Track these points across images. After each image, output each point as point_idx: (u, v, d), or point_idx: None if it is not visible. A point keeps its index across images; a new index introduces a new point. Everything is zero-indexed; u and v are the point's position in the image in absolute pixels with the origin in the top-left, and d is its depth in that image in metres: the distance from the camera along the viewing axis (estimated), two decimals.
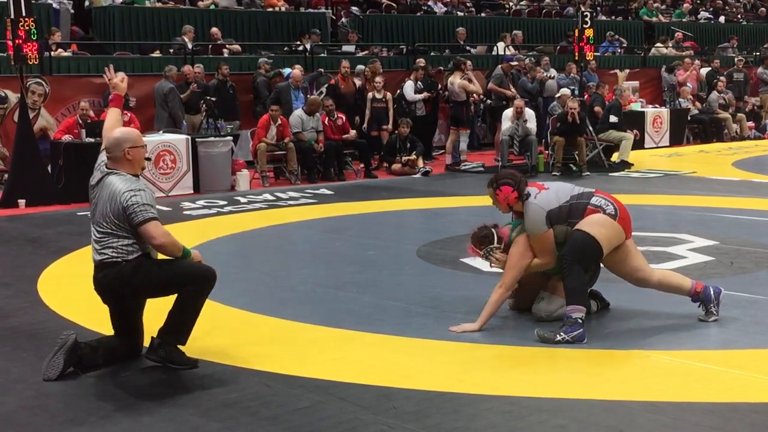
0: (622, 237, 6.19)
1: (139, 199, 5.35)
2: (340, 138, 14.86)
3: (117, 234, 5.43)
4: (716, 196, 12.30)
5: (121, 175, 5.48)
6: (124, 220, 5.38)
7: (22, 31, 12.03)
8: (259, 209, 11.78)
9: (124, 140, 5.53)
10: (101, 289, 5.61)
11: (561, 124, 15.04)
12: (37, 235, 10.16)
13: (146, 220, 5.34)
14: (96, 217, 5.53)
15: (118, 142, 5.52)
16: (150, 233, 5.35)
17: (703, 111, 20.32)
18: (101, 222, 5.47)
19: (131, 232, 5.42)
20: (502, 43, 20.31)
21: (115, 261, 5.45)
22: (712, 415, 4.67)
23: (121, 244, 5.43)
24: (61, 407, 4.96)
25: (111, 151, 5.53)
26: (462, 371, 5.40)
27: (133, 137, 5.61)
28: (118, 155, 5.50)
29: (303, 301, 7.19)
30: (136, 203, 5.34)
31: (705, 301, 6.29)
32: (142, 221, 5.34)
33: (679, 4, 28.12)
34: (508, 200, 6.27)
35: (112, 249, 5.46)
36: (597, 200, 6.22)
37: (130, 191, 5.37)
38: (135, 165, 5.57)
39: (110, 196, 5.41)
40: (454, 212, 11.58)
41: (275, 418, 4.71)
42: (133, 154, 5.54)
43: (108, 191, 5.44)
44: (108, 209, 5.42)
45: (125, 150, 5.50)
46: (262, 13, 19.30)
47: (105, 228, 5.46)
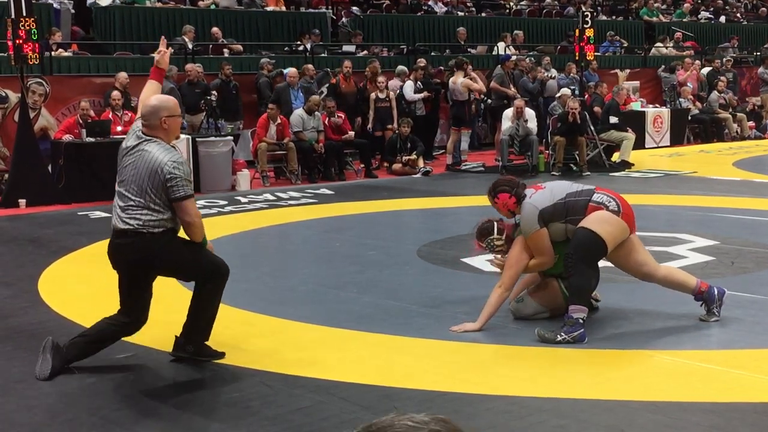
0: (626, 233, 6.18)
1: (180, 173, 5.25)
2: (341, 138, 14.86)
3: (148, 206, 5.29)
4: (717, 196, 12.30)
5: (161, 144, 5.34)
6: (162, 191, 5.25)
7: (23, 31, 12.03)
8: (259, 209, 11.78)
9: (161, 108, 5.39)
10: (118, 255, 5.43)
11: (562, 124, 15.05)
12: (37, 235, 10.16)
13: (187, 196, 5.28)
14: (127, 183, 5.35)
15: (156, 110, 5.37)
16: (187, 209, 5.29)
17: (704, 111, 20.32)
18: (133, 188, 5.30)
19: (163, 205, 5.29)
20: (503, 43, 20.31)
21: (139, 232, 5.31)
22: (713, 415, 4.67)
23: (150, 218, 5.30)
24: (61, 407, 4.96)
25: (147, 119, 5.38)
26: (462, 371, 5.40)
27: (171, 105, 5.48)
28: (154, 123, 5.36)
29: (303, 301, 7.19)
30: (179, 177, 5.24)
31: (708, 301, 6.29)
32: (184, 196, 5.26)
33: (680, 4, 28.11)
34: (507, 206, 6.31)
35: (138, 221, 5.30)
36: (599, 197, 6.20)
37: (173, 162, 5.25)
38: (170, 134, 5.47)
39: (150, 164, 5.26)
40: (454, 212, 11.58)
41: (276, 418, 4.71)
42: (169, 123, 5.41)
43: (147, 159, 5.28)
44: (146, 178, 5.26)
45: (162, 118, 5.36)
46: (262, 13, 19.30)
47: (136, 196, 5.29)
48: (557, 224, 6.17)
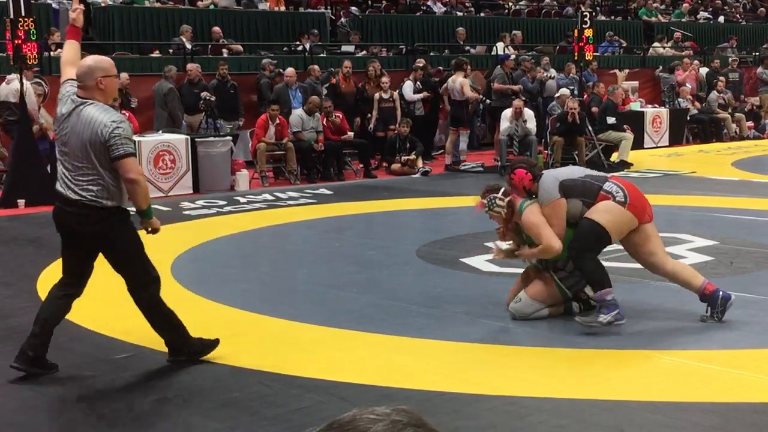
0: (634, 223, 6.20)
1: (122, 132, 5.12)
2: (339, 138, 14.85)
3: (96, 173, 5.18)
4: (715, 196, 12.30)
5: (98, 105, 5.21)
6: (104, 152, 5.13)
7: (22, 31, 12.03)
8: (258, 209, 11.77)
9: (96, 68, 5.26)
10: (66, 223, 5.37)
11: (561, 124, 15.05)
12: (36, 235, 10.15)
13: (127, 154, 5.14)
14: (71, 151, 5.24)
15: (91, 71, 5.24)
16: (128, 167, 5.15)
17: (703, 111, 20.32)
18: (77, 155, 5.20)
19: (110, 171, 5.17)
20: (502, 43, 20.31)
21: (91, 205, 5.23)
22: (712, 415, 4.67)
23: (99, 188, 5.20)
24: (60, 407, 4.96)
25: (83, 80, 5.23)
26: (462, 371, 5.40)
27: (106, 66, 5.34)
28: (90, 84, 5.22)
29: (303, 301, 7.19)
30: (119, 135, 5.11)
31: (711, 303, 6.29)
32: (123, 155, 5.12)
33: (679, 4, 28.12)
34: (523, 182, 6.32)
35: (90, 192, 5.22)
36: (609, 186, 6.27)
37: (113, 122, 5.13)
38: (107, 95, 5.33)
39: (90, 127, 5.14)
40: (454, 212, 11.58)
41: (275, 418, 4.71)
42: (105, 83, 5.26)
43: (86, 121, 5.15)
44: (88, 142, 5.15)
45: (98, 79, 5.22)
46: (261, 13, 19.29)
47: (82, 163, 5.19)
48: (575, 200, 6.20)
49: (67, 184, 5.31)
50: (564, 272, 6.36)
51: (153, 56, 16.65)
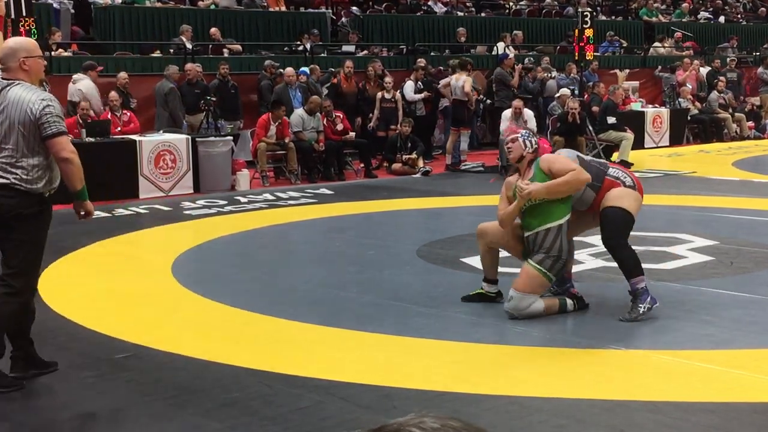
0: (641, 203, 6.52)
1: (52, 110, 5.06)
2: (340, 138, 14.85)
3: (25, 154, 5.07)
4: (716, 196, 12.30)
5: (24, 84, 5.14)
6: (34, 131, 5.05)
7: (23, 30, 12.03)
8: (259, 209, 11.78)
9: (19, 49, 5.21)
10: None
11: (561, 124, 15.04)
12: None
13: (60, 132, 5.06)
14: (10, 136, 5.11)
15: (13, 51, 5.18)
16: (61, 145, 5.06)
17: (703, 111, 20.32)
18: (8, 137, 5.10)
19: (42, 152, 5.08)
20: (502, 43, 20.30)
21: (17, 188, 5.10)
22: (712, 415, 4.67)
23: (29, 166, 5.09)
24: (60, 407, 4.96)
25: (5, 62, 5.18)
26: (462, 371, 5.40)
27: (29, 46, 5.27)
28: (13, 65, 5.16)
29: (303, 301, 7.19)
30: (50, 113, 5.04)
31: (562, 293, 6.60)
32: (56, 133, 5.04)
33: (679, 4, 28.11)
34: (544, 150, 6.64)
35: (14, 175, 5.09)
36: (614, 172, 6.55)
37: (43, 101, 5.06)
38: (32, 75, 5.24)
39: (18, 106, 5.05)
40: (454, 212, 11.59)
41: (276, 418, 4.71)
42: (30, 63, 5.19)
43: (14, 102, 5.06)
44: (16, 121, 5.05)
45: (21, 59, 5.16)
46: (262, 13, 19.29)
47: (9, 145, 5.09)
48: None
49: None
50: (539, 255, 6.37)
51: (153, 56, 16.65)
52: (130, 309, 6.96)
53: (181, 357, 5.74)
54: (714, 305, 6.73)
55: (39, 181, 5.16)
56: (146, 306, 7.05)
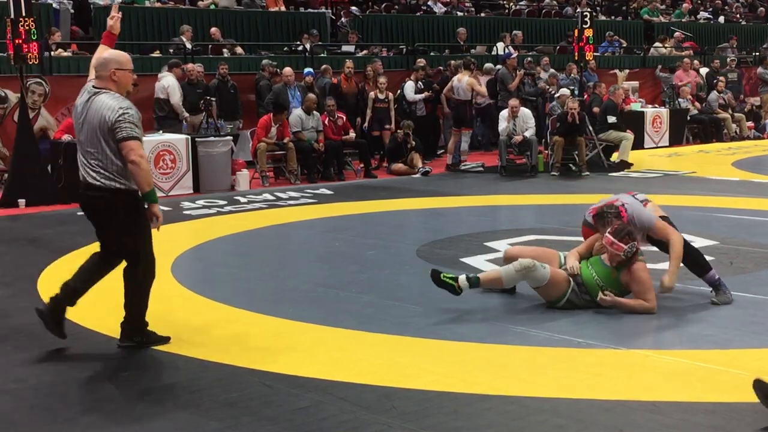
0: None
1: (126, 117, 5.42)
2: (341, 138, 14.86)
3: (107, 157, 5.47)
4: (715, 196, 12.30)
5: (110, 93, 5.53)
6: (111, 137, 5.43)
7: (23, 30, 12.03)
8: (259, 209, 11.78)
9: (111, 60, 5.60)
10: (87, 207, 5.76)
11: (561, 125, 15.04)
12: (37, 235, 10.17)
13: (130, 137, 5.41)
14: (86, 138, 5.56)
15: (106, 62, 5.59)
16: (130, 147, 5.41)
17: (703, 111, 20.33)
18: (93, 141, 5.50)
19: (117, 153, 5.46)
20: (502, 43, 20.31)
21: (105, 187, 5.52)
22: (712, 415, 4.67)
23: (111, 172, 5.51)
24: (61, 407, 4.96)
25: (98, 71, 5.60)
26: (462, 371, 5.40)
27: (122, 60, 5.66)
28: (105, 75, 5.56)
29: (303, 301, 7.19)
30: (123, 119, 5.40)
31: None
32: (127, 137, 5.40)
33: (679, 4, 28.11)
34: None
35: (101, 175, 5.52)
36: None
37: (120, 108, 5.44)
38: (121, 87, 5.62)
39: (99, 113, 5.46)
40: (454, 212, 11.59)
41: (275, 418, 4.72)
42: (119, 75, 5.59)
43: (96, 109, 5.49)
44: (98, 128, 5.47)
45: (112, 70, 5.56)
46: (261, 13, 19.30)
47: (95, 149, 5.50)
48: None
49: (88, 171, 5.61)
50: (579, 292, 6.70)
51: (153, 56, 16.65)
52: None
53: (181, 357, 5.74)
54: (714, 305, 6.73)
55: (123, 179, 5.54)
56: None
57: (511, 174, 14.84)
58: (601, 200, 7.20)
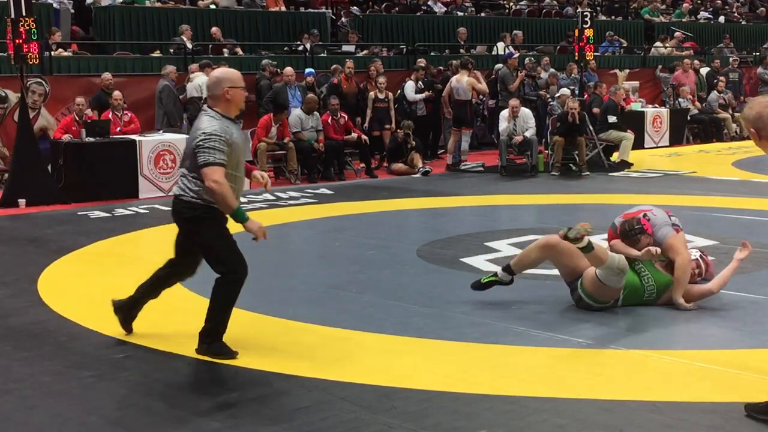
0: None
1: (207, 142, 5.39)
2: (343, 138, 14.86)
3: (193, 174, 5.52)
4: (716, 196, 12.30)
5: (211, 114, 5.52)
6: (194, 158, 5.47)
7: (23, 30, 12.03)
8: (259, 209, 11.78)
9: (224, 79, 5.57)
10: (175, 217, 5.78)
11: (561, 124, 15.04)
12: (37, 235, 10.17)
13: (208, 163, 5.38)
14: (184, 153, 5.73)
15: (219, 81, 5.56)
16: (207, 173, 5.38)
17: (703, 111, 20.33)
18: (189, 155, 5.56)
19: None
20: (502, 43, 20.31)
21: (191, 200, 5.57)
22: (712, 415, 4.67)
23: (194, 187, 5.55)
24: (61, 407, 4.96)
25: (211, 90, 5.58)
26: (462, 371, 5.40)
27: (234, 77, 5.63)
28: (217, 94, 5.54)
29: (303, 300, 7.19)
30: (203, 143, 5.40)
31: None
32: (204, 163, 5.39)
33: (679, 4, 28.11)
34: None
35: (191, 190, 5.57)
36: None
37: (205, 133, 5.42)
38: (233, 105, 5.60)
39: (193, 133, 5.54)
40: (454, 212, 11.59)
41: (276, 418, 4.72)
42: (232, 93, 5.55)
43: (193, 129, 5.61)
44: (189, 148, 5.57)
45: (225, 89, 5.52)
46: (262, 13, 19.30)
47: (188, 164, 5.57)
48: None
49: (178, 183, 5.71)
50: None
51: (154, 56, 16.65)
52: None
53: (180, 357, 5.75)
54: (714, 305, 6.73)
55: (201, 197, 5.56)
56: (146, 306, 7.03)
57: (512, 174, 14.84)
58: (633, 207, 7.19)
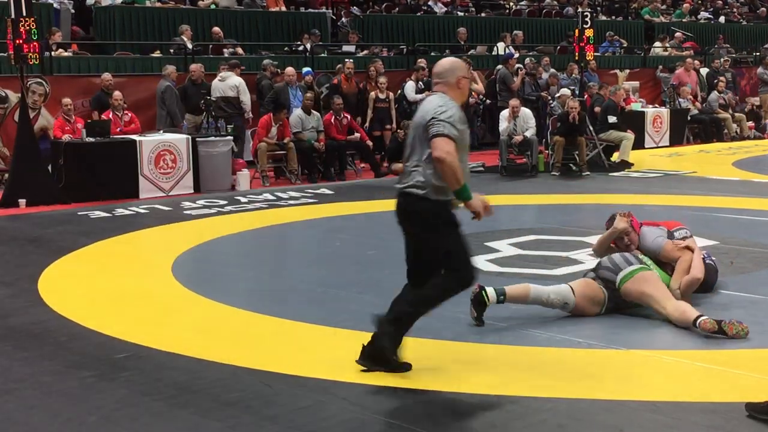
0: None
1: (444, 115, 5.18)
2: (345, 138, 14.86)
3: (422, 160, 5.24)
4: (716, 196, 12.30)
5: (441, 95, 5.36)
6: (425, 136, 5.22)
7: (23, 30, 12.03)
8: (259, 209, 11.78)
9: (458, 68, 5.45)
10: (400, 216, 5.44)
11: (561, 124, 15.04)
12: (37, 235, 10.17)
13: (440, 134, 5.13)
14: (410, 140, 5.41)
15: (453, 69, 5.43)
16: (438, 144, 5.13)
17: (703, 111, 20.33)
18: (414, 144, 5.33)
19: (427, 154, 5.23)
20: (502, 43, 20.31)
21: (416, 193, 5.26)
22: (712, 415, 4.67)
23: (426, 174, 5.23)
24: (61, 407, 4.96)
25: (444, 77, 5.42)
26: (462, 371, 5.40)
27: (465, 68, 5.56)
28: (451, 81, 5.39)
29: (303, 300, 7.19)
30: (439, 115, 5.18)
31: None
32: (436, 134, 5.14)
33: (679, 4, 28.11)
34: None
35: (419, 181, 5.26)
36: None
37: (440, 106, 5.23)
38: (462, 95, 5.48)
39: (423, 111, 5.32)
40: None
41: (276, 418, 4.72)
42: (463, 84, 5.44)
43: (420, 110, 5.39)
44: (419, 125, 5.29)
45: (459, 78, 5.40)
46: (262, 13, 19.30)
47: (416, 151, 5.30)
48: None
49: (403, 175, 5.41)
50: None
51: (154, 56, 16.65)
52: (130, 309, 6.97)
53: (181, 357, 5.75)
54: (714, 305, 6.73)
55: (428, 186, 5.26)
56: (146, 306, 7.05)
57: (512, 174, 14.84)
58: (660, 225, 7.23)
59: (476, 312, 6.35)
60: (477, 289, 6.28)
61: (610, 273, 6.47)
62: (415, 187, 5.27)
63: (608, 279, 6.47)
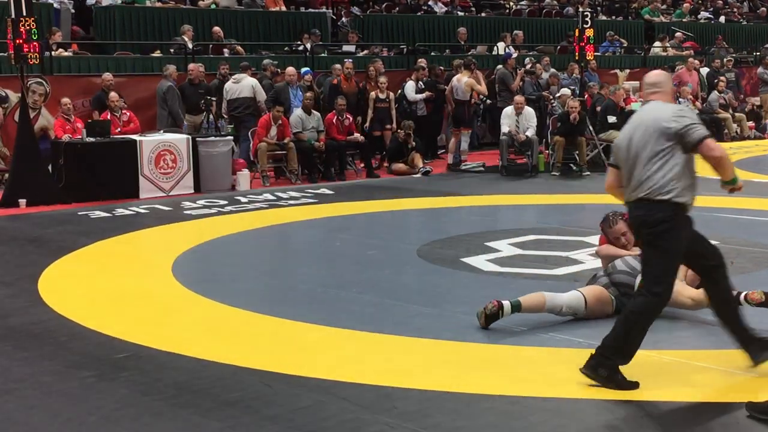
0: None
1: (689, 120, 5.25)
2: (345, 138, 14.86)
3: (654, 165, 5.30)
4: (716, 196, 12.26)
5: (659, 102, 5.43)
6: (676, 141, 5.24)
7: (23, 30, 12.02)
8: (259, 209, 11.78)
9: (670, 78, 5.69)
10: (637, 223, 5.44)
11: (562, 124, 15.04)
12: (37, 235, 10.17)
13: (706, 136, 5.27)
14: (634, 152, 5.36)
15: (669, 78, 5.63)
16: (709, 146, 5.28)
17: (704, 111, 20.32)
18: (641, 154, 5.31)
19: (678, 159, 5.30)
20: (503, 43, 20.30)
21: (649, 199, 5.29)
22: (713, 415, 4.67)
23: (665, 178, 5.29)
24: (61, 407, 4.96)
25: (662, 86, 5.51)
26: (462, 371, 5.40)
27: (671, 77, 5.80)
28: (668, 90, 5.53)
29: (303, 300, 7.19)
30: (691, 121, 5.24)
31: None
32: (703, 137, 5.24)
33: (680, 4, 28.11)
34: None
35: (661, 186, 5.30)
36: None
37: (679, 110, 5.33)
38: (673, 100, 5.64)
39: (654, 120, 5.29)
40: (454, 212, 11.59)
41: (276, 418, 4.72)
42: (673, 92, 5.68)
43: (650, 117, 5.34)
44: (653, 135, 5.27)
45: (672, 88, 5.61)
46: (262, 13, 19.30)
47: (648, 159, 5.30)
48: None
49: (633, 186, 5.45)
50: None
51: (154, 56, 16.64)
52: (130, 309, 6.97)
53: (181, 357, 5.75)
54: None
55: (671, 192, 5.35)
56: (146, 306, 7.05)
57: (512, 174, 14.84)
58: None
59: (486, 324, 6.23)
60: (495, 305, 6.20)
61: (628, 276, 6.43)
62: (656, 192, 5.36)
63: (626, 283, 6.41)
